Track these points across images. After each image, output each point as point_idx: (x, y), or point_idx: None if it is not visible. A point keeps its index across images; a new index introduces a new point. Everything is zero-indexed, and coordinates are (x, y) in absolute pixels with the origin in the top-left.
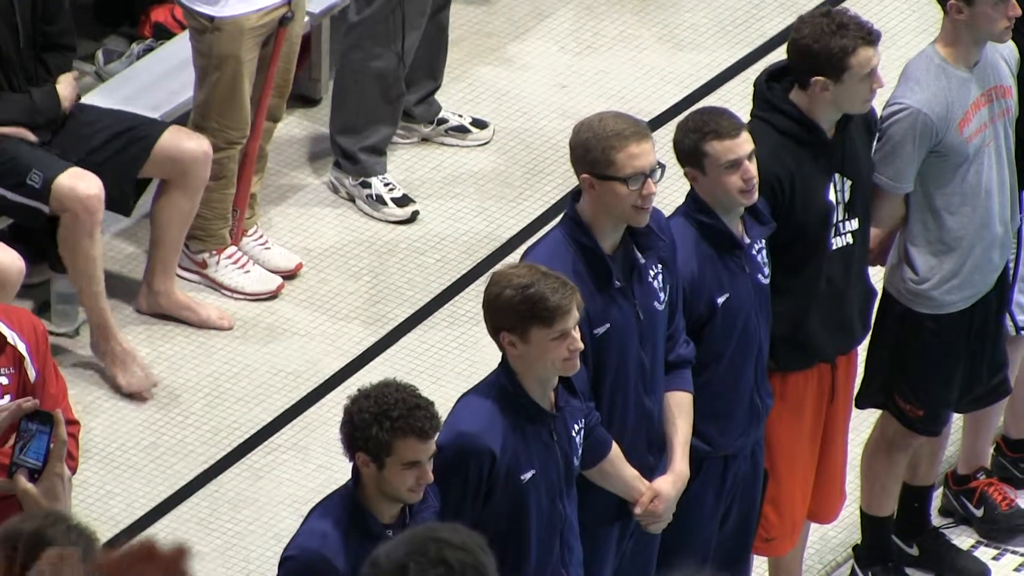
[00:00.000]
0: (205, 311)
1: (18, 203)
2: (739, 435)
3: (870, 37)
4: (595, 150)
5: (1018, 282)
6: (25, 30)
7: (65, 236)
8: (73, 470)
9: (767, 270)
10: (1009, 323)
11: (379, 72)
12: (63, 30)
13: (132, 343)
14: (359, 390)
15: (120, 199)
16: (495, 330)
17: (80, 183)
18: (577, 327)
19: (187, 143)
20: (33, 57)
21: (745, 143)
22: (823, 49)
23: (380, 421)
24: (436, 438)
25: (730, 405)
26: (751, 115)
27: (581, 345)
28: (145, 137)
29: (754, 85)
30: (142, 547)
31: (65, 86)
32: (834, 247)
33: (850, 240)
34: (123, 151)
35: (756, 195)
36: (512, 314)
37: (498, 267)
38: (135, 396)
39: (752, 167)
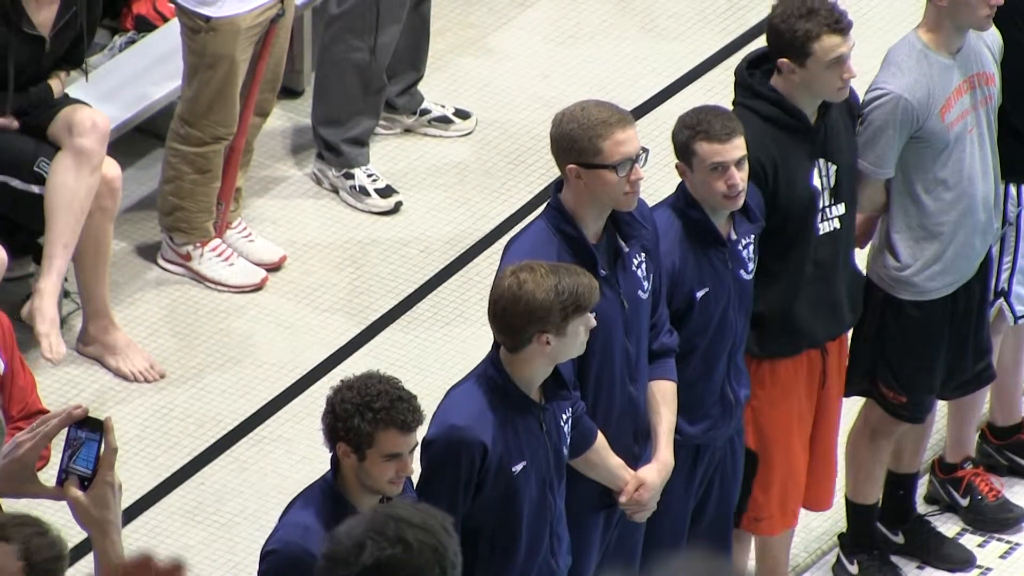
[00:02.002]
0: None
1: (26, 192)
2: (710, 427)
3: (838, 25)
4: (581, 140)
5: (1017, 273)
6: (52, 52)
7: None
8: (39, 468)
9: (751, 265)
10: (1008, 313)
11: (360, 64)
12: (81, 53)
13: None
14: (342, 381)
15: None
16: (531, 335)
17: (104, 166)
18: None
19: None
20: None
21: (734, 149)
22: (788, 31)
23: (362, 412)
24: (420, 432)
25: (701, 397)
26: (733, 103)
27: (594, 322)
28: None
29: (735, 72)
30: (140, 561)
31: (56, 82)
32: (821, 232)
33: (837, 225)
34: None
35: (740, 202)
36: (555, 313)
37: (497, 284)
38: (138, 378)
39: (739, 174)
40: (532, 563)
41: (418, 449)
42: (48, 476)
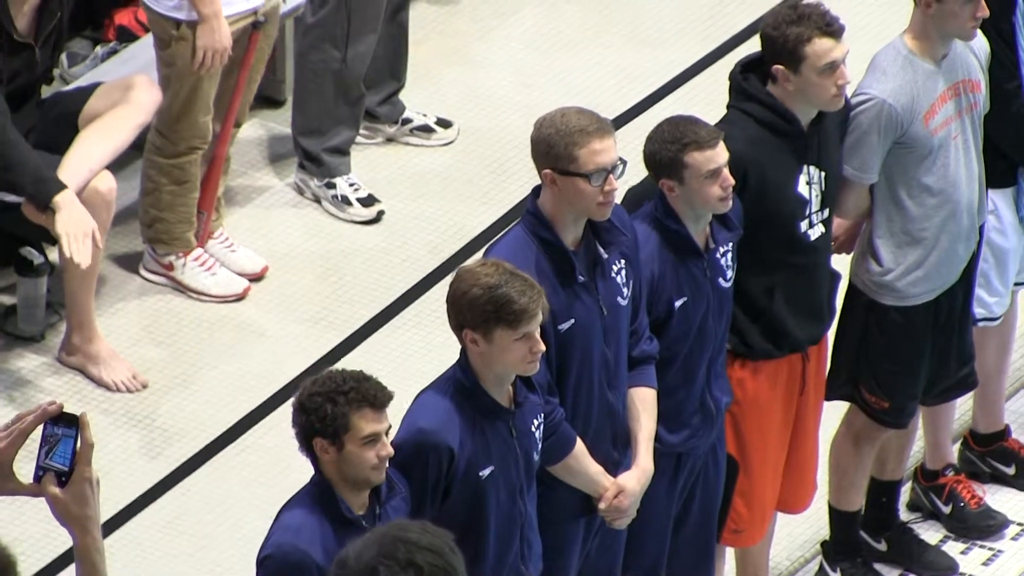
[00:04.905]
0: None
1: (17, 203)
2: (690, 436)
3: (829, 28)
4: (558, 146)
5: (978, 276)
6: (43, 61)
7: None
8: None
9: (730, 273)
10: None
11: (337, 73)
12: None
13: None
14: (302, 385)
15: None
16: (458, 326)
17: (98, 179)
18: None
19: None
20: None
21: (723, 151)
22: (780, 37)
23: (333, 399)
24: (393, 432)
25: (681, 405)
26: (727, 106)
27: (543, 347)
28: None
29: (729, 76)
30: None
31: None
32: (812, 238)
33: (823, 230)
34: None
35: (731, 201)
36: (477, 313)
37: (464, 264)
38: (120, 388)
39: (728, 175)
40: (501, 568)
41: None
42: (26, 473)
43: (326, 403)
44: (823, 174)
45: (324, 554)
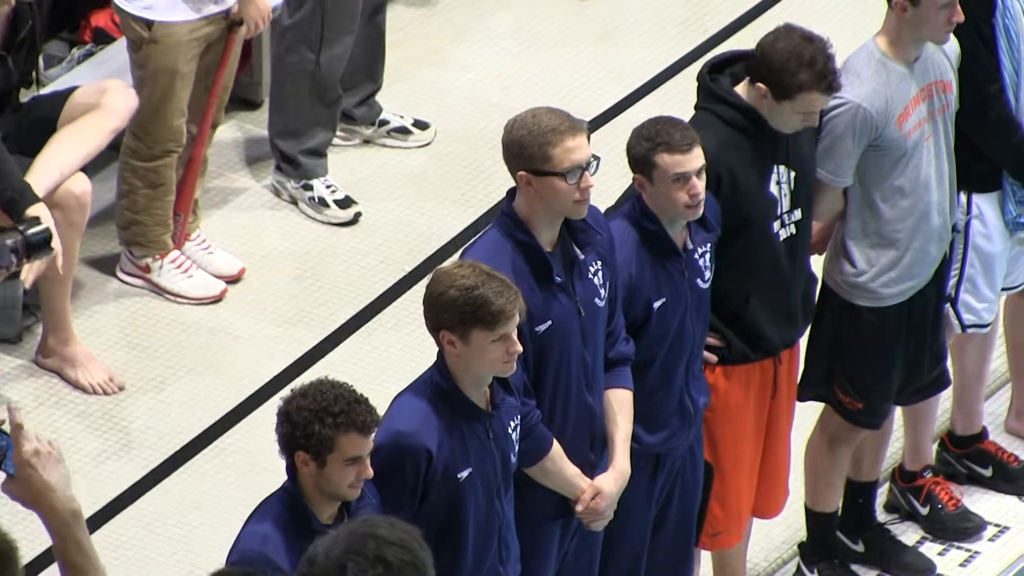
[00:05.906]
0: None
1: None
2: (669, 436)
3: (829, 88)
4: (531, 147)
5: (964, 282)
6: (16, 69)
7: None
8: None
9: (708, 274)
10: (955, 321)
11: (314, 75)
12: (32, 67)
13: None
14: (292, 390)
15: None
16: (435, 328)
17: (72, 181)
18: (516, 330)
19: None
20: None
21: (695, 159)
22: (783, 68)
23: (322, 418)
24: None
25: (660, 406)
26: (695, 107)
27: (520, 348)
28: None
29: (697, 77)
30: None
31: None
32: (781, 238)
33: (794, 231)
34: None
35: (701, 210)
36: (454, 314)
37: (441, 265)
38: (97, 391)
39: (700, 183)
40: (479, 571)
41: None
42: None
43: (314, 421)
44: (793, 174)
45: (290, 563)
